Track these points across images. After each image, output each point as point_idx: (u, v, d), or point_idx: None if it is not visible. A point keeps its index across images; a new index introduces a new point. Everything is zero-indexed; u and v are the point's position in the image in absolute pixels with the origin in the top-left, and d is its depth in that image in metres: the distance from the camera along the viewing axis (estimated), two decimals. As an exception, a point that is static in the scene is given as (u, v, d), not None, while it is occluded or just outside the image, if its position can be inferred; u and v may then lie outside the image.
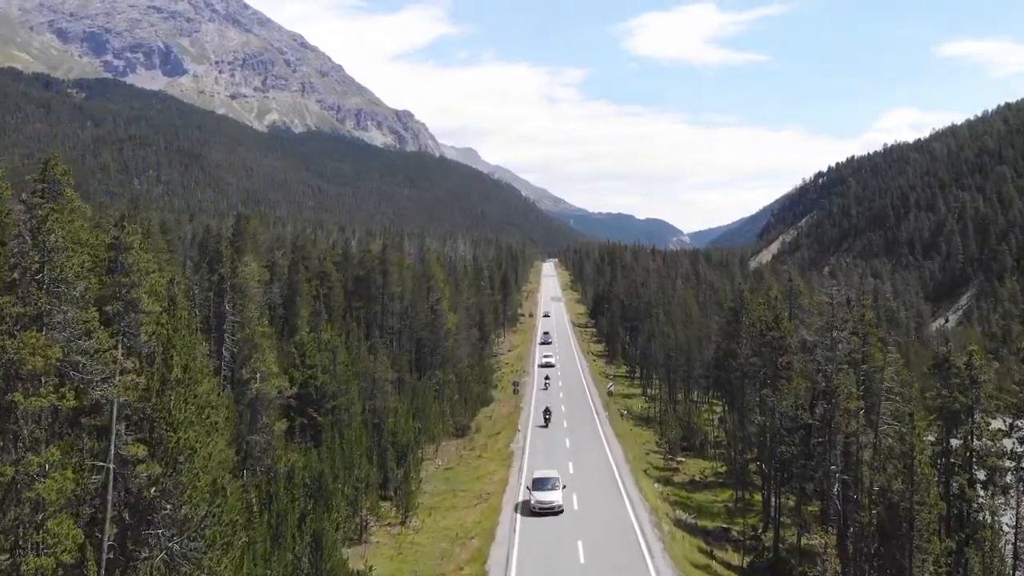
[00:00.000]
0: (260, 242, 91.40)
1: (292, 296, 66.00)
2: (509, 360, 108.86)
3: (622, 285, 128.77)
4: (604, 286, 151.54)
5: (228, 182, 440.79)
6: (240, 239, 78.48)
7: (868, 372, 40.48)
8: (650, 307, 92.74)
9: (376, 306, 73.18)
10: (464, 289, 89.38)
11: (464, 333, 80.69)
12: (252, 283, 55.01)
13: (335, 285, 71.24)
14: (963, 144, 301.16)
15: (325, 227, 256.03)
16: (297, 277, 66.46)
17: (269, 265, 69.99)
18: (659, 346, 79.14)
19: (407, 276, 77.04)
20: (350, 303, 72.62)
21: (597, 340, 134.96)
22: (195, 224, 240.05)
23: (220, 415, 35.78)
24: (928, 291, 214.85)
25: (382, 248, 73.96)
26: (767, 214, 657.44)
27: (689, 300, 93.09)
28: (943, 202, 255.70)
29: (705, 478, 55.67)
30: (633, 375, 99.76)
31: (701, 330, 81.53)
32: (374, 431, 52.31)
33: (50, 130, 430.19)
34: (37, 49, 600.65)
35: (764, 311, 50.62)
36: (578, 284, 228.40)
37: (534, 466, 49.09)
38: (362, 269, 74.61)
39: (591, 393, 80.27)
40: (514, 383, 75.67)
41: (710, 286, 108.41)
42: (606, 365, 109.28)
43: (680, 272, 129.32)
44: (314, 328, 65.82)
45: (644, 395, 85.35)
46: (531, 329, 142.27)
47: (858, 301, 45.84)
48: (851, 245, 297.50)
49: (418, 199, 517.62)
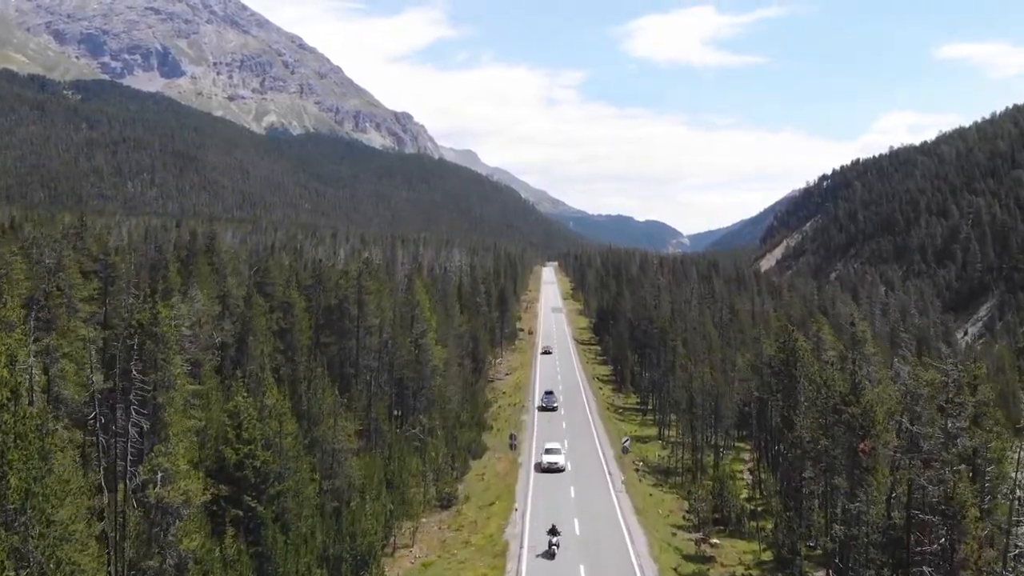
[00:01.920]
0: (226, 261, 79.79)
1: (245, 334, 54.45)
2: (506, 388, 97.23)
3: (629, 302, 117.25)
4: (609, 300, 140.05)
5: (223, 185, 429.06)
6: (193, 262, 67.07)
7: (993, 479, 28.97)
8: (665, 334, 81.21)
9: (350, 341, 61.69)
10: (455, 315, 77.78)
11: (454, 369, 69.21)
12: (183, 328, 43.49)
13: (300, 319, 59.72)
14: (972, 147, 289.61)
15: (318, 233, 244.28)
16: (252, 313, 54.86)
17: (221, 297, 58.41)
18: (679, 385, 67.50)
19: (387, 305, 65.54)
20: (318, 339, 61.16)
21: (602, 360, 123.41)
22: (181, 231, 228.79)
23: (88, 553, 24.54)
24: (945, 300, 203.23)
25: (359, 271, 62.45)
26: (767, 216, 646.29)
27: (708, 326, 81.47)
28: (956, 207, 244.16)
29: (748, 571, 44.13)
30: (645, 408, 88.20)
31: (726, 364, 70.07)
32: (333, 519, 40.84)
33: (44, 132, 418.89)
34: (34, 51, 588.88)
35: (833, 375, 38.99)
36: (579, 293, 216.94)
37: (534, 572, 37.97)
38: (335, 296, 63.02)
39: (600, 440, 68.66)
40: (511, 436, 63.97)
41: (729, 308, 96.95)
42: (613, 393, 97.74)
43: (693, 289, 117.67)
44: (276, 370, 54.37)
45: (660, 438, 73.67)
46: (531, 348, 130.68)
47: (966, 367, 34.13)
48: (859, 251, 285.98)
49: (416, 201, 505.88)
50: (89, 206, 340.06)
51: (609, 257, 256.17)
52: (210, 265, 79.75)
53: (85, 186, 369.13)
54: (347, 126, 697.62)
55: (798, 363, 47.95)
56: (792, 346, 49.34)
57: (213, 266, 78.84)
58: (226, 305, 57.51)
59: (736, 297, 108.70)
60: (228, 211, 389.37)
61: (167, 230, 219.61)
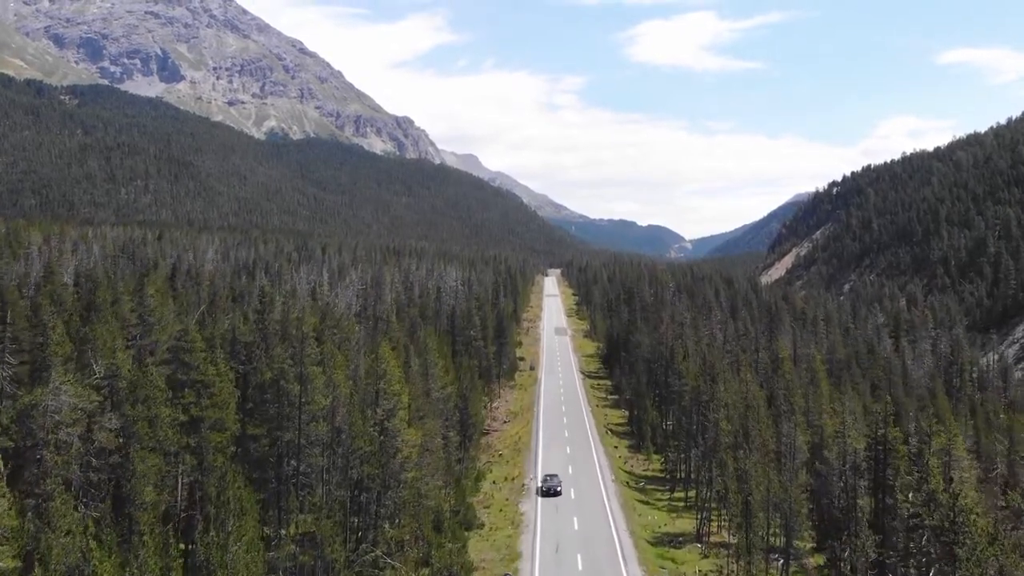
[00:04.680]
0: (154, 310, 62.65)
1: (128, 442, 37.32)
2: (503, 447, 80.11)
3: (645, 336, 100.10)
4: (620, 328, 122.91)
5: (219, 191, 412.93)
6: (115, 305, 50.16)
7: None
8: (697, 394, 64.17)
9: (289, 432, 44.65)
10: (437, 376, 60.70)
11: (435, 451, 52.24)
12: None
13: (221, 404, 42.66)
14: (990, 153, 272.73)
15: (310, 245, 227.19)
16: (135, 412, 37.75)
17: (108, 381, 41.21)
18: (732, 481, 50.25)
19: (341, 377, 48.55)
20: (244, 431, 44.19)
21: (613, 400, 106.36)
22: (164, 242, 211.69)
23: None
24: (974, 318, 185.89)
25: (303, 336, 45.37)
26: (771, 221, 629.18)
27: (752, 388, 64.10)
28: (981, 218, 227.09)
29: None
30: (671, 478, 71.00)
31: (784, 447, 53.06)
32: None
33: (37, 138, 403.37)
34: (32, 55, 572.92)
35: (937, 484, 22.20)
36: (584, 308, 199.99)
37: None
38: (271, 368, 46.09)
39: (621, 545, 51.56)
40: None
41: (769, 353, 79.72)
42: (631, 453, 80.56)
43: (719, 325, 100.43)
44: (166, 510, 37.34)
45: (700, 538, 56.20)
46: (533, 384, 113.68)
47: None
48: (873, 261, 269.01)
49: (416, 207, 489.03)
50: (80, 213, 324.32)
51: (616, 271, 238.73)
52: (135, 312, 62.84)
53: (77, 192, 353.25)
54: (348, 131, 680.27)
55: (885, 463, 31.65)
56: (881, 454, 32.20)
57: (137, 314, 61.87)
58: (114, 392, 40.68)
59: (772, 330, 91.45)
60: (223, 218, 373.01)
61: (145, 244, 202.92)
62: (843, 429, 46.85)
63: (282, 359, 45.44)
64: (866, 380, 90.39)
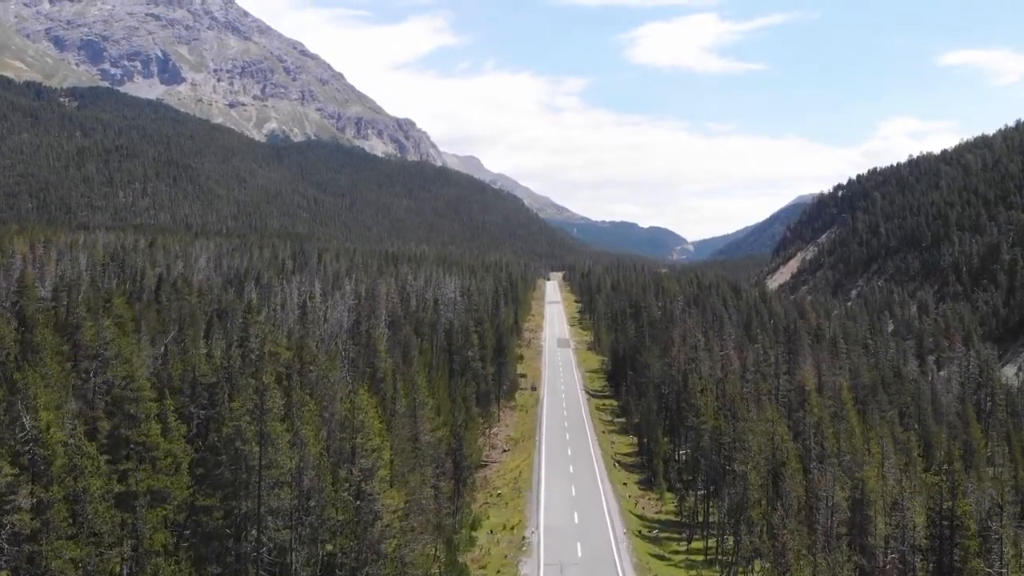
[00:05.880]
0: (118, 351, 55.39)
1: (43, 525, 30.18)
2: (502, 485, 72.74)
3: (655, 357, 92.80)
4: (627, 346, 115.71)
5: (218, 194, 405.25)
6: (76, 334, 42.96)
7: None
8: (719, 436, 56.92)
9: (247, 501, 37.46)
10: (429, 417, 53.45)
11: (419, 515, 45.08)
12: None
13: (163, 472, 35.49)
14: (1000, 157, 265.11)
15: (306, 251, 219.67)
16: (52, 491, 30.61)
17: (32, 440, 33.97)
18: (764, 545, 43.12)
19: (311, 433, 41.37)
20: (193, 505, 36.97)
21: (620, 424, 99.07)
22: (155, 249, 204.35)
23: None
24: (989, 328, 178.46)
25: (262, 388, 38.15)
26: (773, 223, 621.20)
27: (779, 429, 56.72)
28: (993, 223, 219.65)
29: None
30: (690, 524, 63.62)
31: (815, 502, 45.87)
32: None
33: (35, 140, 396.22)
34: (32, 57, 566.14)
35: None
36: (587, 317, 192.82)
37: None
38: (228, 425, 38.89)
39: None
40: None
41: (794, 384, 72.36)
42: (641, 492, 73.23)
43: (735, 348, 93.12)
44: None
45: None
46: (534, 405, 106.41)
47: None
48: (881, 267, 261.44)
49: (417, 210, 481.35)
50: (77, 217, 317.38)
51: (619, 278, 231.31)
52: (93, 342, 55.55)
53: (75, 196, 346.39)
54: (349, 133, 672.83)
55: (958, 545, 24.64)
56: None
57: (95, 345, 54.61)
58: (33, 463, 33.56)
59: (791, 353, 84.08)
60: (222, 221, 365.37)
61: (136, 251, 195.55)
62: (901, 500, 39.52)
63: (239, 415, 38.17)
64: (893, 407, 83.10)
